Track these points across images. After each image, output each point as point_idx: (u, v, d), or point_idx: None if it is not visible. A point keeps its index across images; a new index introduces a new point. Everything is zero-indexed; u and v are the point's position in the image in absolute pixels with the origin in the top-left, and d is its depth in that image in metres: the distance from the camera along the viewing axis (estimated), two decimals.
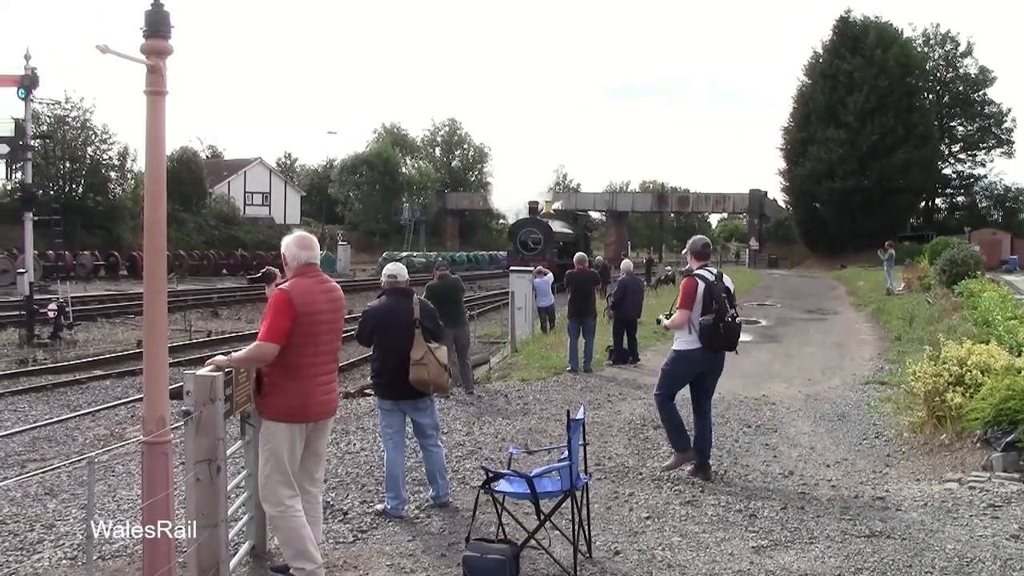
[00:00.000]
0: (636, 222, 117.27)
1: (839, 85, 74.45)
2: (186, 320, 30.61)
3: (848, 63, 74.15)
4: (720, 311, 9.34)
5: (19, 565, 7.46)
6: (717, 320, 9.34)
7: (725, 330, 9.40)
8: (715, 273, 9.74)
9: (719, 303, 9.37)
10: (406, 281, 9.03)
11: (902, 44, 76.08)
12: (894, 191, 71.05)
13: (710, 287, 9.47)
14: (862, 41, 74.71)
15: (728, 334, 9.46)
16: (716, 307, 9.35)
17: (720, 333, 9.39)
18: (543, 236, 49.74)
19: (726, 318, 9.36)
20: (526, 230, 50.75)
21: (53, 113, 62.64)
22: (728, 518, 8.34)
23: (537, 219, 51.86)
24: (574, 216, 63.48)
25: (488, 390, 15.43)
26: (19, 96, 27.32)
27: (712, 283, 9.51)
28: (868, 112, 71.80)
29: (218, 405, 6.08)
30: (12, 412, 16.38)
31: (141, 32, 5.51)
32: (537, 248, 48.65)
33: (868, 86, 72.10)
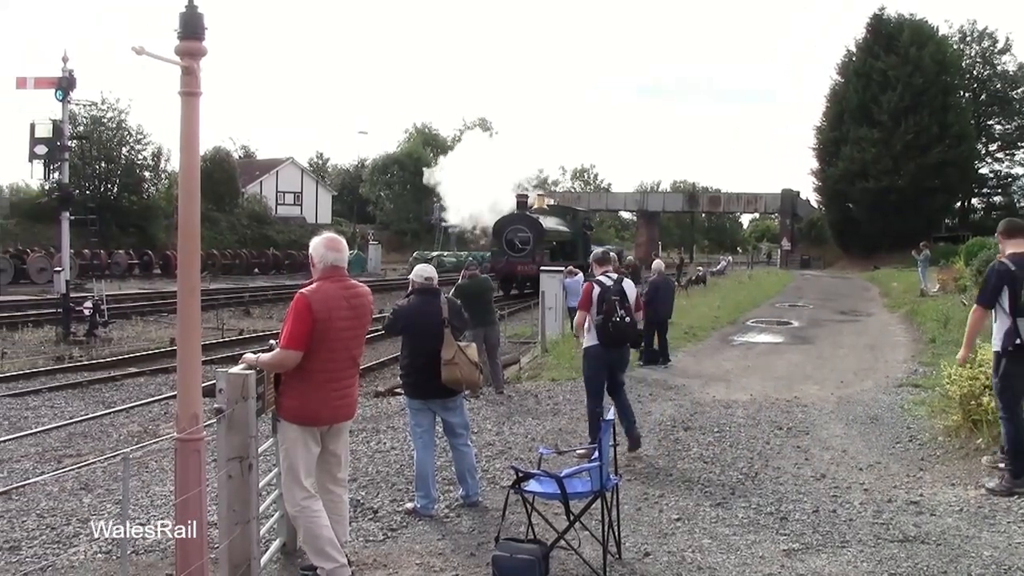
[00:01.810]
0: (667, 222, 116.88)
1: (873, 84, 73.83)
2: (218, 319, 30.72)
3: (882, 61, 73.53)
4: (609, 312, 10.45)
5: (55, 558, 7.56)
6: (606, 320, 10.46)
7: (614, 328, 10.47)
8: (614, 279, 10.75)
9: (609, 305, 10.45)
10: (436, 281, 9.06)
11: (937, 41, 75.35)
12: (929, 191, 70.40)
13: (604, 291, 10.57)
14: (896, 39, 74.00)
15: (617, 332, 10.51)
16: (606, 308, 10.45)
17: (609, 331, 10.48)
18: (533, 235, 43.83)
19: (614, 318, 10.44)
20: (513, 228, 44.59)
21: (89, 114, 63.13)
22: (759, 520, 8.31)
23: (526, 215, 45.57)
24: (571, 212, 55.16)
25: (518, 390, 15.44)
26: (57, 98, 27.52)
27: (606, 287, 10.60)
28: (902, 111, 71.17)
29: (250, 403, 6.13)
30: (49, 408, 16.54)
31: (175, 34, 5.56)
32: (526, 249, 43.31)
33: (902, 84, 71.45)
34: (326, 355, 6.45)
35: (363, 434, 11.89)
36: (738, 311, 30.88)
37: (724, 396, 14.72)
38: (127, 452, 5.68)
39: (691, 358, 19.63)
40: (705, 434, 11.93)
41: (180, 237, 5.77)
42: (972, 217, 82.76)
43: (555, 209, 55.35)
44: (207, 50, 5.63)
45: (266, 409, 6.62)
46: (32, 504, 9.59)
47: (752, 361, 19.27)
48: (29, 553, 7.86)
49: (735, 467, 10.23)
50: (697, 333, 23.62)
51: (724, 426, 12.40)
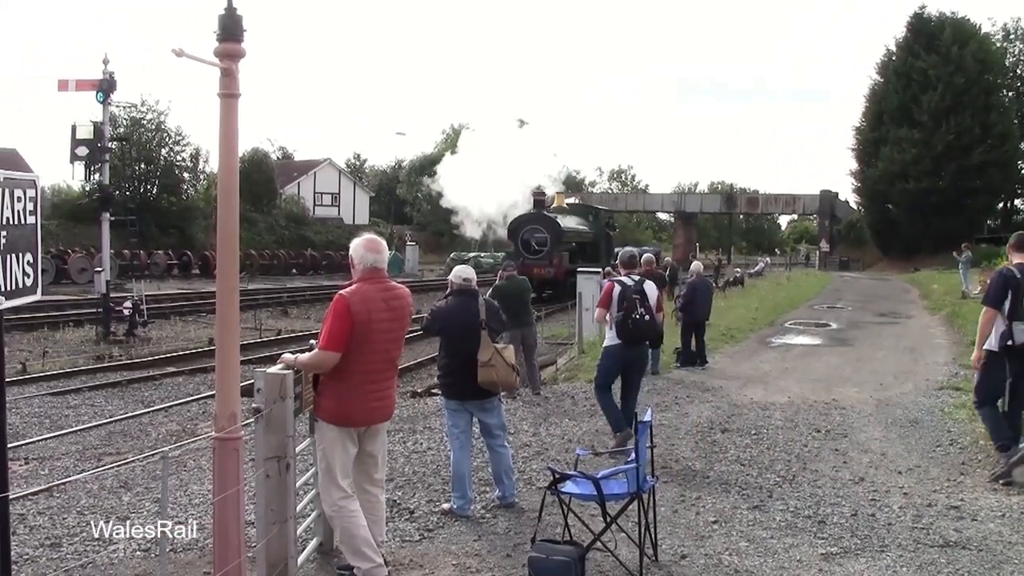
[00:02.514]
0: (704, 223, 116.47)
1: (913, 83, 73.13)
2: (256, 319, 30.89)
3: (923, 60, 72.81)
4: (629, 309, 10.83)
5: (95, 555, 7.61)
6: (625, 317, 10.85)
7: (634, 325, 10.86)
8: (635, 280, 11.21)
9: (629, 303, 10.84)
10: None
11: (980, 40, 74.50)
12: (970, 192, 69.75)
13: (624, 290, 11.00)
14: (937, 38, 73.23)
15: (636, 329, 10.91)
16: (626, 306, 10.85)
17: (629, 328, 10.88)
18: (550, 235, 40.95)
19: (633, 315, 10.82)
20: (530, 228, 41.61)
21: (129, 116, 63.63)
22: (796, 524, 8.27)
23: (543, 214, 42.55)
24: (593, 212, 51.48)
25: (555, 391, 15.43)
26: (98, 100, 27.76)
27: (627, 287, 11.02)
28: (943, 111, 70.47)
29: (288, 403, 6.16)
30: (89, 407, 16.69)
31: (214, 36, 5.59)
32: (542, 250, 40.56)
33: (943, 84, 70.73)
34: (364, 356, 6.45)
35: (400, 434, 11.92)
36: (776, 313, 30.73)
37: (762, 398, 14.65)
38: (166, 451, 5.72)
39: (729, 360, 19.55)
40: (742, 436, 11.88)
41: (219, 238, 5.80)
42: (1015, 218, 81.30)
43: (575, 208, 52.29)
44: (246, 52, 5.65)
45: (304, 409, 6.65)
46: (73, 501, 9.67)
47: (790, 363, 19.17)
48: (70, 550, 7.94)
49: (772, 470, 10.18)
50: (735, 335, 23.52)
51: (762, 428, 12.34)
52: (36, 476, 11.55)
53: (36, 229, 4.42)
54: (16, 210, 4.23)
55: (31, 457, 12.63)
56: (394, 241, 68.69)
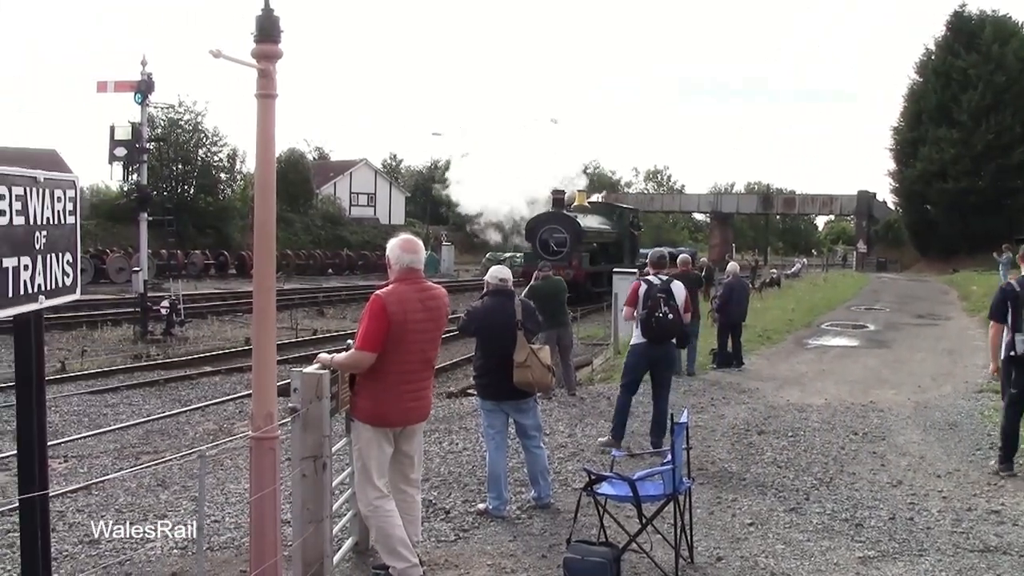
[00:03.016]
0: (741, 224, 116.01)
1: (952, 83, 72.29)
2: (293, 318, 31.01)
3: (962, 60, 71.96)
4: (653, 308, 10.93)
5: (134, 553, 7.67)
6: (649, 315, 10.95)
7: (657, 324, 10.95)
8: (663, 279, 11.29)
9: (654, 301, 10.94)
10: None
11: (1021, 38, 73.44)
12: (1011, 192, 68.86)
13: (650, 288, 11.09)
14: (978, 36, 72.34)
15: (659, 328, 10.98)
16: (651, 304, 10.94)
17: (652, 326, 10.97)
18: (569, 235, 39.26)
19: (657, 314, 10.91)
20: (548, 228, 39.93)
21: (167, 117, 64.03)
22: (833, 527, 8.22)
23: (563, 213, 40.77)
24: (617, 210, 49.51)
25: (591, 392, 15.40)
26: (136, 101, 27.95)
27: (653, 285, 11.13)
28: (983, 110, 69.65)
29: (324, 403, 6.18)
30: (127, 405, 16.80)
31: (252, 37, 5.61)
32: (561, 251, 38.74)
33: (984, 83, 69.88)
34: (401, 357, 6.45)
35: (436, 434, 11.93)
36: (813, 314, 30.56)
37: (798, 400, 14.58)
38: (203, 450, 5.76)
39: (765, 361, 19.47)
40: (779, 438, 11.83)
41: (256, 238, 5.82)
42: None
43: (598, 207, 49.38)
44: (283, 53, 5.67)
45: (340, 409, 6.67)
46: (111, 499, 9.75)
47: (827, 365, 19.07)
48: (108, 547, 7.99)
49: (809, 472, 10.13)
50: (771, 336, 23.42)
51: (798, 430, 12.28)
52: (75, 474, 11.64)
53: (75, 229, 4.45)
54: (56, 210, 4.26)
55: (70, 455, 12.74)
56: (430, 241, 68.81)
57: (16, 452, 4.32)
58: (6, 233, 3.87)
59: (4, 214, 3.85)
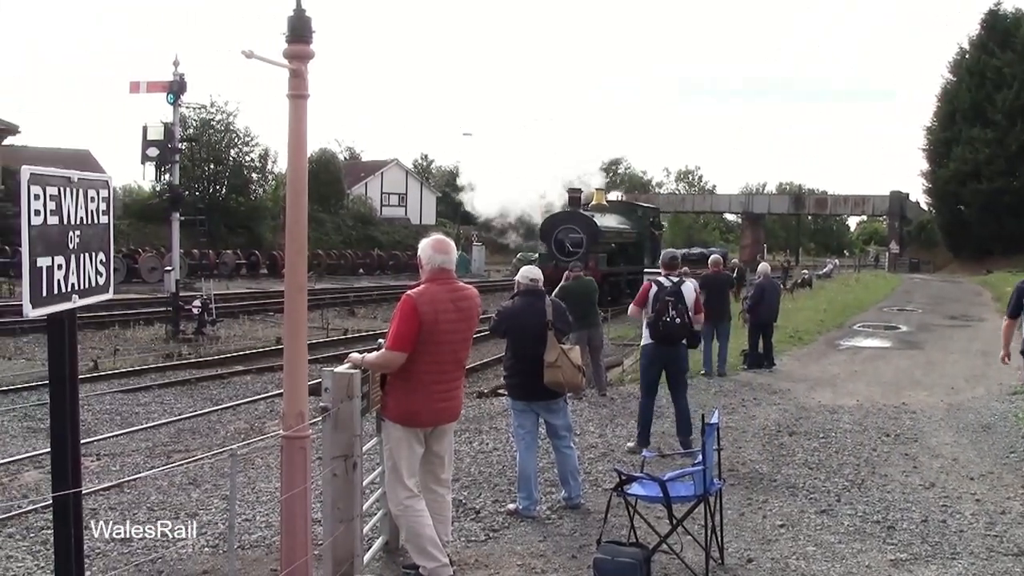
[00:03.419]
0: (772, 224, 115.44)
1: (987, 82, 71.70)
2: (324, 318, 31.09)
3: (997, 58, 71.36)
4: (661, 311, 10.93)
5: (165, 551, 7.71)
6: (657, 318, 10.99)
7: (664, 327, 10.96)
8: (673, 281, 11.20)
9: (662, 304, 10.93)
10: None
11: None
12: None
13: (659, 290, 11.09)
14: (1013, 35, 71.71)
15: (666, 331, 10.98)
16: (659, 307, 10.95)
17: (659, 329, 11.01)
18: (586, 236, 37.13)
19: (664, 317, 10.91)
20: (563, 228, 37.70)
21: (199, 117, 64.30)
22: (865, 529, 8.17)
23: (578, 213, 38.50)
24: (636, 209, 47.43)
25: (621, 392, 15.36)
26: (168, 101, 28.20)
27: (662, 287, 11.11)
28: (1018, 109, 68.93)
29: (355, 402, 6.20)
30: (159, 404, 16.91)
31: (284, 37, 5.63)
32: (577, 252, 35.61)
33: (1019, 82, 69.18)
34: (431, 357, 6.45)
35: (466, 434, 11.93)
36: (844, 315, 30.41)
37: (830, 401, 14.51)
38: (234, 448, 5.78)
39: (796, 362, 19.39)
40: (810, 439, 11.77)
41: (287, 237, 5.84)
42: None
43: (616, 205, 46.86)
44: (315, 53, 5.69)
45: (371, 408, 6.68)
46: (143, 497, 9.81)
47: (859, 366, 18.97)
48: (139, 545, 8.03)
49: (841, 474, 10.08)
50: (803, 337, 23.32)
51: (830, 432, 12.22)
52: (107, 472, 11.72)
53: (108, 229, 4.48)
54: (89, 210, 4.29)
55: (102, 453, 12.82)
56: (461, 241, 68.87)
57: (50, 450, 4.35)
58: (41, 233, 3.90)
59: (39, 214, 3.88)
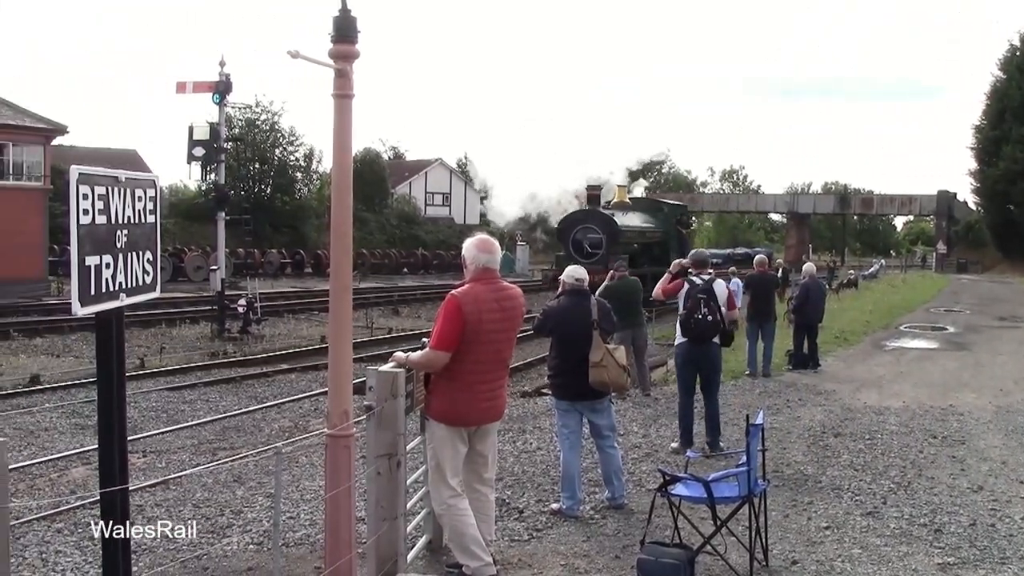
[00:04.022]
0: (818, 224, 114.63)
1: None
2: (368, 317, 31.21)
3: None
4: (692, 308, 10.97)
5: (210, 547, 7.77)
6: (688, 315, 11.02)
7: (695, 324, 10.98)
8: (704, 279, 11.22)
9: (693, 302, 10.96)
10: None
11: None
12: None
13: (691, 288, 11.14)
14: None
15: (698, 328, 11.00)
16: (690, 305, 10.99)
17: (691, 327, 11.04)
18: (605, 235, 35.13)
19: (696, 315, 10.94)
20: (582, 227, 35.83)
21: (244, 117, 64.77)
22: (912, 532, 8.09)
23: (597, 211, 36.43)
24: (661, 207, 44.78)
25: (665, 392, 15.29)
26: (214, 101, 28.43)
27: (694, 286, 11.13)
28: None
29: (399, 401, 6.21)
30: (204, 402, 17.05)
31: (329, 37, 5.65)
32: (597, 253, 34.19)
33: None
34: (475, 357, 6.44)
35: (510, 434, 11.94)
36: (891, 315, 30.15)
37: (876, 402, 14.39)
38: (279, 447, 5.81)
39: (842, 363, 19.24)
40: (856, 441, 11.68)
41: (332, 237, 5.86)
42: None
43: (640, 203, 44.25)
44: (360, 53, 5.70)
45: (415, 407, 6.69)
46: (188, 494, 9.90)
47: (905, 367, 18.80)
48: (185, 542, 8.10)
49: (887, 476, 9.99)
50: (848, 337, 23.13)
51: (875, 433, 12.12)
52: (153, 469, 11.83)
53: (155, 228, 4.51)
54: (137, 209, 4.32)
55: (148, 450, 12.94)
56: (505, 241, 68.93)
57: (97, 446, 4.39)
58: (89, 232, 3.93)
59: (87, 213, 3.92)
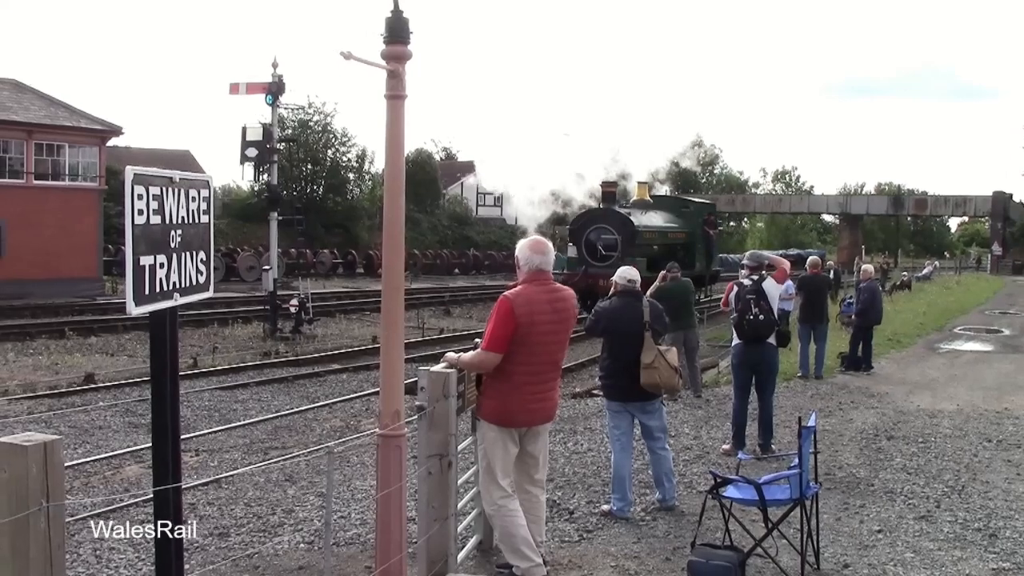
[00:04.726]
0: (871, 225, 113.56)
1: None
2: (419, 318, 31.29)
3: None
4: (743, 310, 10.99)
5: (262, 546, 7.83)
6: (740, 317, 11.06)
7: (748, 326, 11.00)
8: (754, 280, 11.18)
9: (744, 304, 11.01)
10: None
11: None
12: None
13: (740, 291, 11.22)
14: None
15: (750, 329, 11.01)
16: (741, 307, 11.05)
17: (743, 327, 11.07)
18: (621, 236, 32.01)
19: (748, 316, 10.96)
20: (596, 228, 32.96)
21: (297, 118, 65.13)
22: (966, 536, 8.00)
23: (612, 210, 33.30)
24: (688, 205, 41.35)
25: (716, 394, 15.24)
26: (267, 102, 28.69)
27: (743, 287, 11.19)
28: None
29: (451, 401, 6.22)
30: (256, 401, 17.16)
31: (381, 38, 5.66)
32: (611, 256, 31.53)
33: None
34: (527, 358, 6.43)
35: (560, 435, 11.92)
36: (944, 318, 29.85)
37: (929, 405, 14.25)
38: (331, 446, 5.84)
39: (895, 365, 19.06)
40: (909, 444, 11.57)
41: (384, 237, 5.87)
42: None
43: (663, 201, 40.17)
44: (412, 54, 5.71)
45: (466, 408, 6.70)
46: (240, 493, 9.97)
47: (959, 370, 18.60)
48: (237, 540, 8.17)
49: (940, 479, 9.89)
50: (901, 340, 22.93)
51: (929, 436, 12.00)
52: (206, 467, 11.93)
53: (209, 228, 4.55)
54: (191, 209, 4.35)
55: (201, 449, 13.04)
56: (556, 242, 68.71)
57: (151, 445, 4.43)
58: (144, 232, 3.97)
59: (142, 213, 3.95)
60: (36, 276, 36.19)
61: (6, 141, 37.39)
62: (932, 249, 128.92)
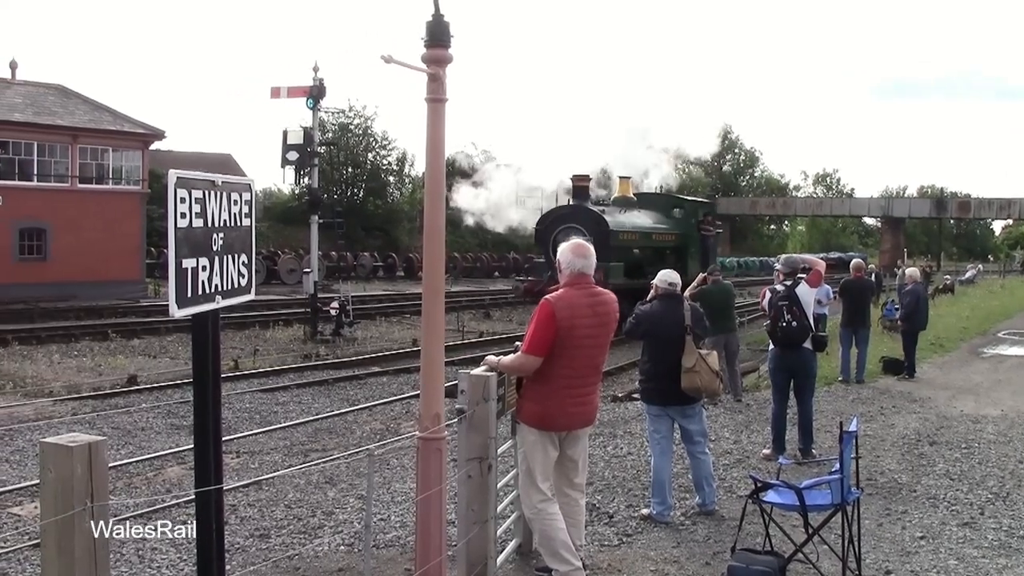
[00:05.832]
0: (913, 228, 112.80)
1: None
2: (459, 321, 31.32)
3: None
4: (776, 317, 11.00)
5: (302, 548, 7.86)
6: (773, 324, 11.08)
7: (781, 333, 10.98)
8: (787, 285, 11.18)
9: (776, 311, 11.00)
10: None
11: None
12: None
13: (772, 298, 11.28)
14: None
15: (783, 336, 10.99)
16: (773, 314, 11.07)
17: (777, 334, 11.06)
18: (594, 238, 23.95)
19: (780, 323, 10.93)
20: (564, 228, 28.41)
21: (337, 121, 65.47)
22: (1011, 544, 7.91)
23: (584, 207, 29.93)
24: (680, 204, 36.71)
25: (757, 398, 15.18)
26: (308, 106, 28.84)
27: (776, 293, 11.24)
28: None
29: (491, 405, 6.21)
30: (297, 404, 17.23)
31: (422, 42, 5.68)
32: None
33: None
34: (567, 362, 6.41)
35: (600, 438, 11.91)
36: (988, 322, 29.59)
37: (973, 411, 14.12)
38: (371, 449, 5.85)
39: (937, 370, 18.91)
40: (952, 450, 11.46)
41: (425, 240, 5.90)
42: None
43: (649, 199, 35.56)
44: (452, 57, 5.73)
45: (506, 411, 6.70)
46: (280, 495, 10.01)
47: (1003, 375, 18.42)
48: (277, 541, 8.21)
49: (984, 486, 9.78)
50: (944, 344, 22.75)
51: (972, 442, 11.88)
52: (246, 469, 11.99)
53: (251, 231, 4.57)
54: (232, 213, 4.38)
55: (242, 451, 13.11)
56: None
57: (192, 446, 4.46)
58: (186, 235, 4.00)
59: (185, 216, 3.98)
60: (80, 279, 36.63)
61: (51, 145, 37.88)
62: (975, 252, 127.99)
